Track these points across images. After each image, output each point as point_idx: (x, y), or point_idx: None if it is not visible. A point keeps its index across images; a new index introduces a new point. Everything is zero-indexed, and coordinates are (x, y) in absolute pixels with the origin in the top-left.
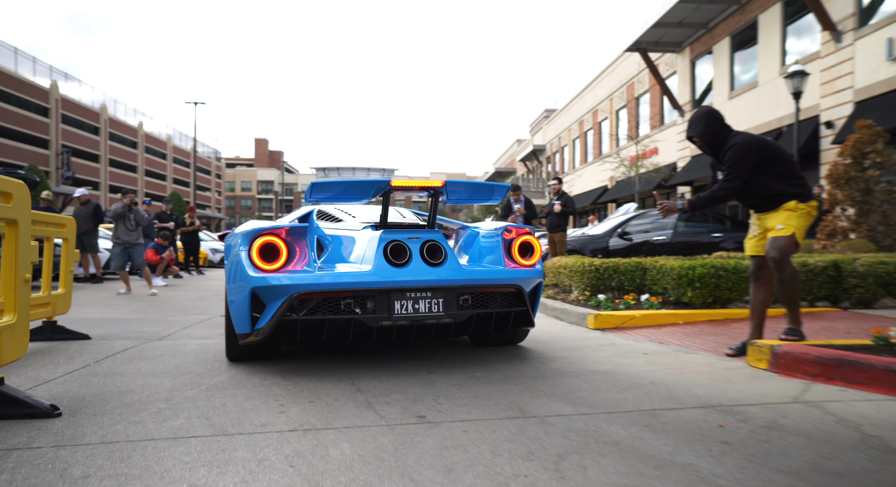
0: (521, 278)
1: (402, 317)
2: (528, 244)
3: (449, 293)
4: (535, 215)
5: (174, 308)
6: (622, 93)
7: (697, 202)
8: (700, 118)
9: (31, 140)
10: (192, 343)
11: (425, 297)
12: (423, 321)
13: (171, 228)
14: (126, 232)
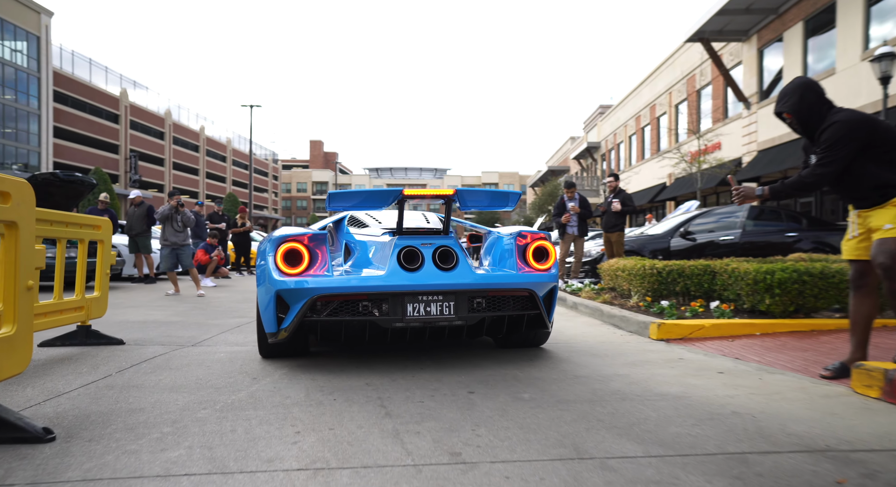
0: (533, 282)
1: (414, 319)
2: (543, 249)
3: (460, 297)
4: (590, 213)
5: (217, 311)
6: (682, 86)
7: (781, 189)
8: (793, 90)
9: (102, 145)
10: (223, 351)
11: (437, 300)
12: (435, 323)
13: (223, 228)
14: (173, 233)
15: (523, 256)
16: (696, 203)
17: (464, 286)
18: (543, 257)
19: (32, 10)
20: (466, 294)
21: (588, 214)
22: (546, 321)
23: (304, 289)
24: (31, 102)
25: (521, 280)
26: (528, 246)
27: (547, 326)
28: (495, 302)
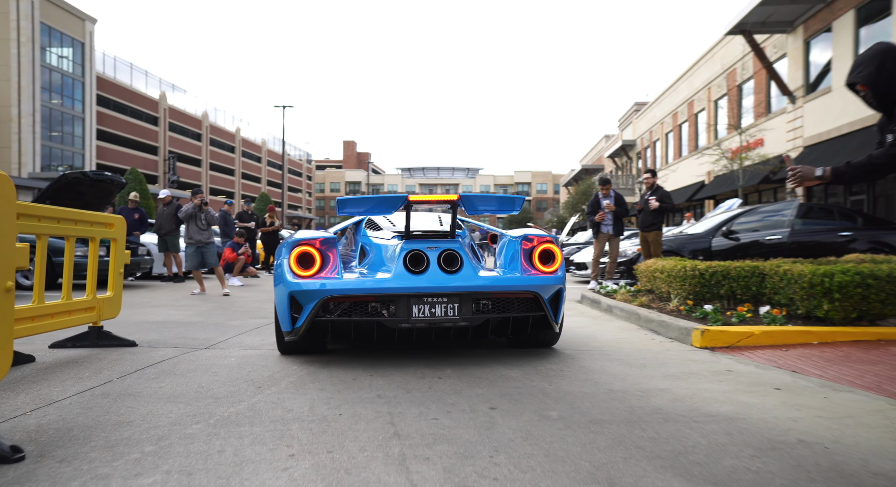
0: (537, 284)
1: (419, 320)
2: (549, 252)
3: (464, 299)
4: (626, 211)
5: (239, 311)
6: (722, 81)
7: (846, 171)
8: (870, 58)
9: (142, 147)
10: (234, 355)
11: (441, 302)
12: (440, 324)
13: (252, 227)
14: (198, 232)
15: (529, 258)
16: (738, 201)
17: (467, 289)
18: (550, 260)
19: (77, 17)
20: (470, 296)
21: (624, 212)
22: (552, 322)
23: (314, 290)
24: (75, 106)
25: (524, 283)
26: (534, 249)
27: (553, 327)
28: (500, 304)
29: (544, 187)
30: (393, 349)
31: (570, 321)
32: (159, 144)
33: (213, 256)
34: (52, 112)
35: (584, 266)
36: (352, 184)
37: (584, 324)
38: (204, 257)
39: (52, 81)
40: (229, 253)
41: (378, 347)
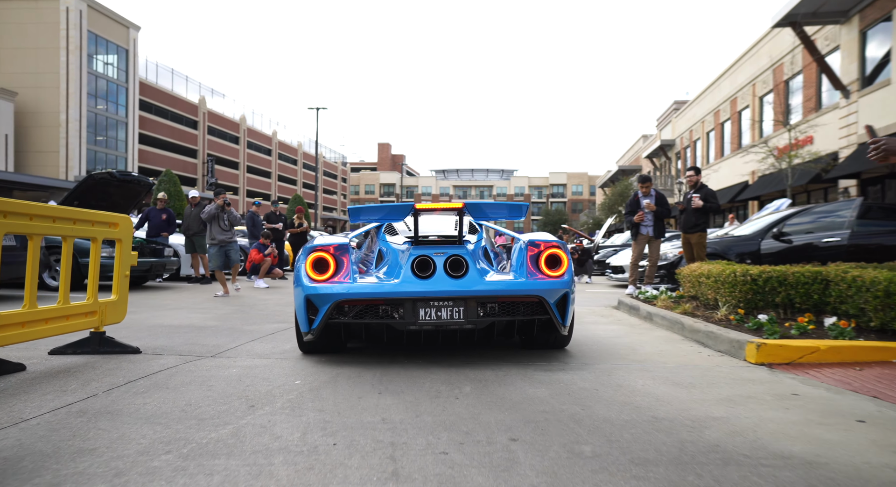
0: (542, 289)
1: (426, 323)
2: (556, 257)
3: (469, 302)
4: (667, 212)
5: (259, 315)
6: (767, 77)
7: None
8: None
9: (182, 150)
10: (238, 365)
11: (447, 305)
12: (447, 326)
13: (280, 228)
14: (221, 232)
15: (536, 263)
16: (786, 202)
17: (472, 293)
18: (556, 265)
19: (122, 25)
20: (475, 300)
21: (665, 212)
22: (558, 325)
23: (328, 294)
24: (119, 111)
25: (529, 287)
26: (540, 254)
27: (559, 330)
28: (505, 307)
29: (580, 189)
30: (409, 360)
31: (606, 329)
32: (198, 147)
33: (236, 253)
34: (97, 117)
35: (620, 270)
36: (386, 186)
37: (621, 333)
38: (228, 256)
39: (97, 87)
40: (255, 254)
41: (393, 356)
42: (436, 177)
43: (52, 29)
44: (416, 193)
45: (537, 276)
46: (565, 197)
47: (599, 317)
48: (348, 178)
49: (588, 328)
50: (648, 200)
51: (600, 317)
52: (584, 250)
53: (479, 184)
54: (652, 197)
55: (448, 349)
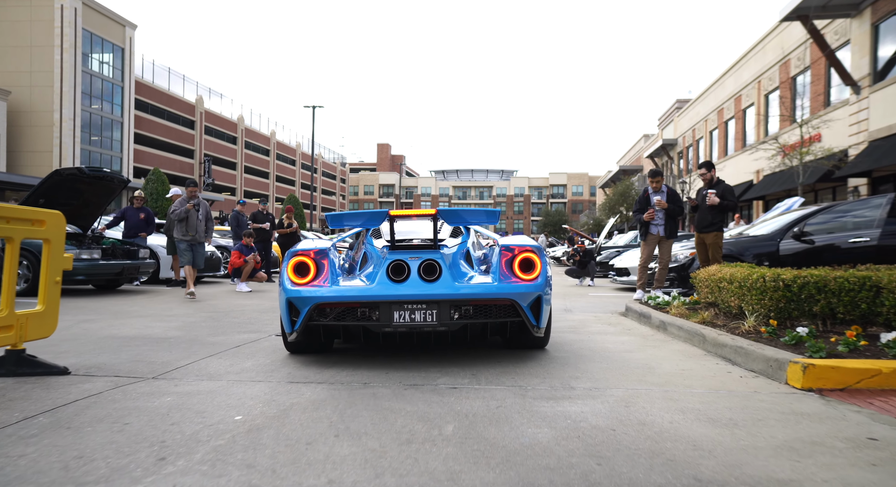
0: (514, 292)
1: (400, 325)
2: (528, 260)
3: (442, 306)
4: (680, 209)
5: (232, 323)
6: (774, 73)
7: None
8: None
9: (179, 150)
10: (177, 392)
11: (420, 308)
12: (420, 329)
13: (267, 228)
14: (193, 227)
15: (510, 267)
16: (799, 200)
17: (444, 296)
18: (530, 269)
19: (118, 23)
20: (448, 303)
21: (678, 210)
22: (531, 328)
23: (306, 297)
24: (114, 111)
25: (500, 290)
26: (514, 258)
27: (533, 332)
28: (480, 310)
29: (580, 189)
30: (385, 382)
31: (615, 341)
32: (195, 147)
33: (202, 257)
34: (91, 116)
35: (626, 272)
36: (385, 187)
37: (633, 346)
38: (194, 256)
39: (92, 85)
40: (236, 258)
41: (369, 376)
42: (435, 177)
43: (46, 27)
44: (416, 193)
45: (511, 279)
46: (565, 198)
47: (607, 326)
48: (347, 178)
49: (595, 340)
50: (659, 196)
51: (608, 326)
52: (586, 252)
53: (478, 185)
54: (663, 193)
55: (434, 364)
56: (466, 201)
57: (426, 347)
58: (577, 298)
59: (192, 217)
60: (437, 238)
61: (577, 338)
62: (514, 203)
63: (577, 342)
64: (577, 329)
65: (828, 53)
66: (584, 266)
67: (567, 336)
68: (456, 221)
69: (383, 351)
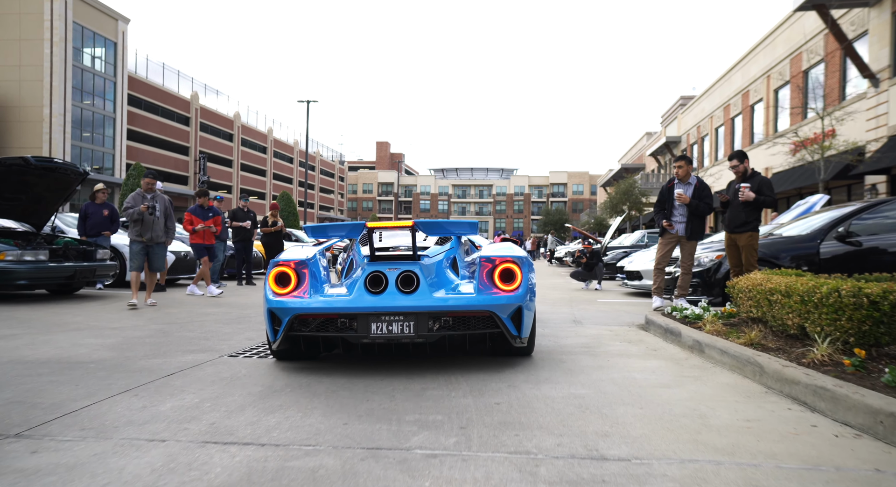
0: (492, 304)
1: (378, 337)
2: (509, 271)
3: (420, 317)
4: (708, 206)
5: (183, 339)
6: (784, 67)
7: None
8: None
9: (173, 147)
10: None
11: (398, 320)
12: (398, 340)
13: (248, 227)
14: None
15: (490, 277)
16: (823, 198)
17: (421, 308)
18: (510, 279)
19: (111, 17)
20: (426, 315)
21: (705, 208)
22: (511, 339)
23: (286, 308)
24: (106, 107)
25: (478, 302)
26: (494, 269)
27: (513, 343)
28: (458, 322)
29: (580, 188)
30: (336, 460)
31: (642, 368)
32: (190, 144)
33: (162, 259)
34: (83, 112)
35: (637, 275)
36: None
37: (667, 377)
38: (150, 258)
39: (83, 80)
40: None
41: (316, 445)
42: (434, 176)
43: (35, 20)
44: (415, 192)
45: (491, 290)
46: (566, 196)
47: (627, 344)
48: (346, 177)
49: (617, 366)
50: (683, 189)
51: (628, 344)
52: (592, 253)
53: (478, 183)
54: (690, 186)
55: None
56: (466, 200)
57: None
58: (585, 305)
59: (146, 216)
60: (415, 249)
61: (594, 363)
62: (514, 202)
63: (596, 369)
64: (592, 349)
65: (845, 45)
66: (590, 269)
67: (582, 360)
68: (435, 231)
69: (353, 382)
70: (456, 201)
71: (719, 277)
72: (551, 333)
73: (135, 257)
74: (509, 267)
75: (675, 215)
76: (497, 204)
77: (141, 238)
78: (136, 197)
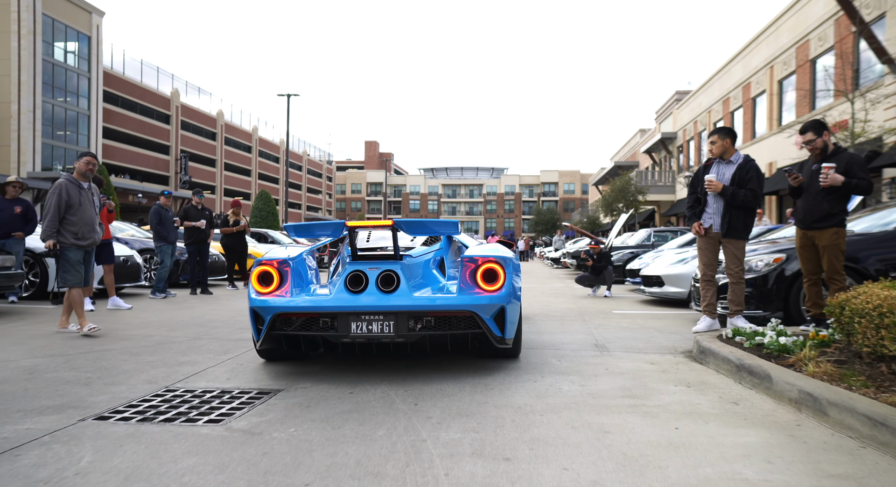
0: (474, 304)
1: (358, 336)
2: (492, 271)
3: (400, 317)
4: (753, 196)
5: (53, 383)
6: (789, 57)
7: None
8: None
9: (153, 146)
10: None
11: (378, 320)
12: (378, 340)
13: (202, 227)
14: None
15: (473, 277)
16: None
17: (401, 308)
18: (493, 280)
19: (83, 9)
20: (406, 314)
21: (747, 195)
22: (493, 339)
23: (267, 307)
24: (80, 103)
25: (459, 302)
26: (477, 269)
27: (495, 344)
28: (440, 322)
29: (572, 187)
30: None
31: (739, 447)
32: (171, 143)
33: (92, 268)
34: (54, 109)
35: (657, 281)
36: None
37: (793, 474)
38: (86, 270)
39: (55, 76)
40: None
41: None
42: (424, 176)
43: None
44: (404, 192)
45: (473, 290)
46: (557, 196)
47: (686, 389)
48: (334, 177)
49: (697, 444)
50: (720, 170)
51: (688, 390)
52: (601, 255)
53: (468, 183)
54: (732, 165)
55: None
56: (456, 200)
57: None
58: (601, 319)
59: (86, 211)
60: (396, 249)
61: (657, 435)
62: (504, 202)
63: (666, 448)
64: (640, 401)
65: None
66: (598, 272)
67: (635, 427)
68: (416, 231)
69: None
70: (446, 201)
71: (780, 286)
72: (571, 367)
73: (74, 269)
74: (492, 267)
75: (709, 207)
76: (487, 204)
77: (81, 242)
78: (66, 185)
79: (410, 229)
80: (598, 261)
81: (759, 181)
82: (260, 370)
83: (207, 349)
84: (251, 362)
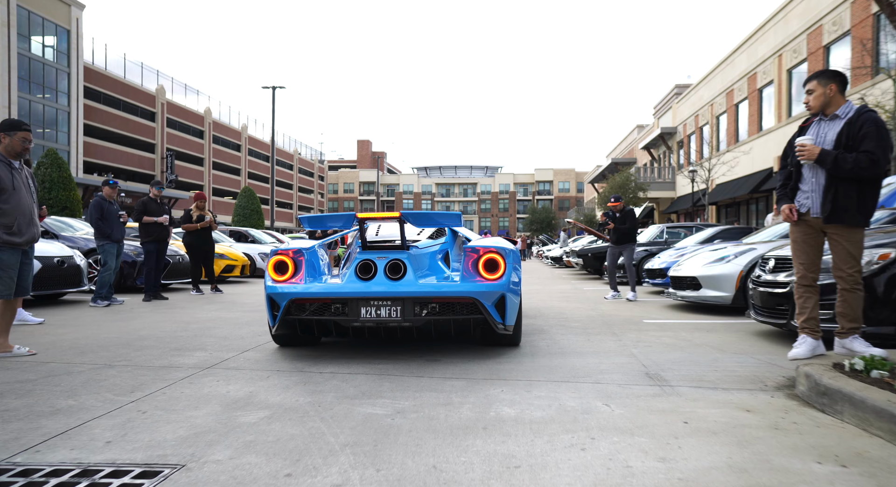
0: (476, 291)
1: (368, 320)
2: (492, 261)
3: (406, 302)
4: (868, 156)
5: None
6: (800, 44)
7: None
8: None
9: (137, 144)
10: None
11: (385, 305)
12: (386, 324)
13: (165, 223)
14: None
15: (475, 267)
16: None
17: (407, 294)
18: (494, 269)
19: (62, 2)
20: (412, 301)
21: (860, 161)
22: (494, 325)
23: (282, 293)
24: (59, 99)
25: (462, 289)
26: (479, 258)
27: (496, 329)
28: (444, 308)
29: (567, 185)
30: None
31: None
32: (156, 141)
33: (30, 273)
34: (31, 105)
35: (692, 283)
36: (366, 184)
37: None
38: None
39: (31, 70)
40: None
41: None
42: (418, 175)
43: None
44: (397, 191)
45: (475, 278)
46: (552, 194)
47: (840, 475)
48: (326, 176)
49: None
50: (811, 136)
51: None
52: (624, 213)
53: (462, 181)
54: (839, 121)
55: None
56: (450, 199)
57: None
58: (634, 332)
59: (22, 198)
60: (403, 239)
61: None
62: (499, 200)
63: None
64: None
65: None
66: (621, 240)
67: None
68: (421, 222)
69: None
70: (440, 200)
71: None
72: (631, 420)
73: (5, 275)
74: (493, 257)
75: (804, 184)
76: (482, 203)
77: (17, 238)
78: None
79: (416, 220)
80: (622, 222)
81: (879, 139)
82: (165, 419)
83: (111, 384)
84: (163, 405)
